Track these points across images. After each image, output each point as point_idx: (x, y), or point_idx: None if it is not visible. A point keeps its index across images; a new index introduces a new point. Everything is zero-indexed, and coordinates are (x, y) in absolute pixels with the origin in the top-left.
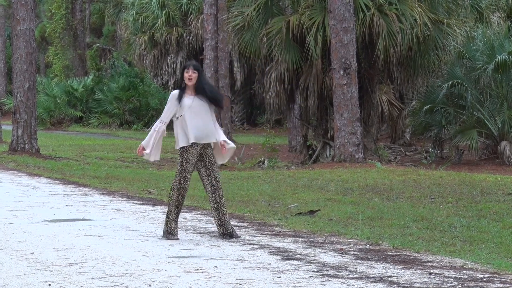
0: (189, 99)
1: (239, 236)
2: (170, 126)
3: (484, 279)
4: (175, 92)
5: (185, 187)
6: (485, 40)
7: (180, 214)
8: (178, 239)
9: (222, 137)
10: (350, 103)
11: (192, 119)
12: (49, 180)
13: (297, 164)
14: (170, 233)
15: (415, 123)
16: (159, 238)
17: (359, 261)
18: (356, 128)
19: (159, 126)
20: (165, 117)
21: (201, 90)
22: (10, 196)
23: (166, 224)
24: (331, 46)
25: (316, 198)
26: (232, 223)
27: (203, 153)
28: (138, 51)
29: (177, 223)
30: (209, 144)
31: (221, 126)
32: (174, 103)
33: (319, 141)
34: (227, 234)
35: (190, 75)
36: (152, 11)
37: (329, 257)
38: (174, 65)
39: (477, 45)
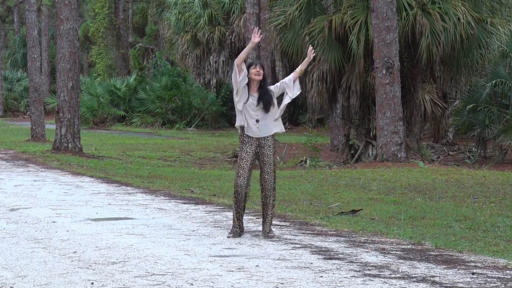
0: (247, 94)
1: (271, 235)
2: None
3: None
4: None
5: (238, 183)
6: None
7: (222, 213)
8: (230, 237)
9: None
10: (392, 102)
11: (250, 116)
12: (92, 179)
13: (339, 163)
14: (231, 230)
15: (458, 123)
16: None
17: (401, 260)
18: (398, 128)
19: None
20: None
21: (263, 88)
22: (53, 194)
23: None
24: (373, 45)
25: (358, 197)
26: (273, 222)
27: (258, 151)
28: (180, 51)
29: (238, 220)
30: (266, 142)
31: None
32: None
33: (361, 141)
34: (262, 233)
35: (258, 71)
36: (194, 10)
37: (371, 257)
38: (216, 64)
39: None
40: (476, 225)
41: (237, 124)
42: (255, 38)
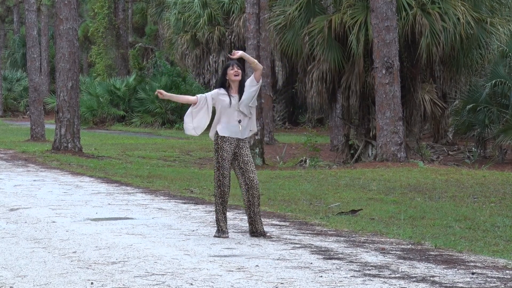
0: (228, 97)
1: (268, 235)
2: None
3: None
4: (219, 91)
5: (225, 183)
6: None
7: None
8: (227, 237)
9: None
10: (392, 102)
11: (234, 118)
12: (91, 179)
13: (339, 163)
14: (219, 231)
15: (458, 122)
16: (214, 236)
17: (401, 260)
18: (398, 127)
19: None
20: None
21: (243, 88)
22: (53, 194)
23: (216, 223)
24: (373, 45)
25: (358, 197)
26: (273, 222)
27: (237, 152)
28: (180, 50)
29: (225, 221)
30: (244, 143)
31: (263, 125)
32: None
33: (361, 140)
34: (256, 233)
35: (236, 71)
36: (194, 10)
37: (371, 257)
38: (216, 64)
39: None
40: (476, 225)
41: (212, 134)
42: (235, 54)
